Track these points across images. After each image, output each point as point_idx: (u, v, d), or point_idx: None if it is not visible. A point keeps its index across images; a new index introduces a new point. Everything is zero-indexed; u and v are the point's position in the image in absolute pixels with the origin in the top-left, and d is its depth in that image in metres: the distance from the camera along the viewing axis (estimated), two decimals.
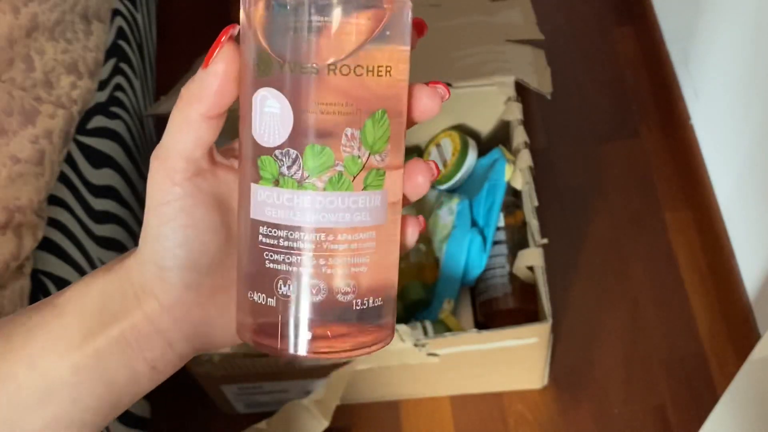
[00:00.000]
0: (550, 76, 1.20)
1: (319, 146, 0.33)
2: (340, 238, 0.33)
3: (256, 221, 0.34)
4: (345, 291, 0.34)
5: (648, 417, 1.17)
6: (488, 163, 1.22)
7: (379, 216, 0.35)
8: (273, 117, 0.33)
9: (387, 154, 0.34)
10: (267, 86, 0.33)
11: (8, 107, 0.89)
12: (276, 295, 0.34)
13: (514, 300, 1.15)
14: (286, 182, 0.33)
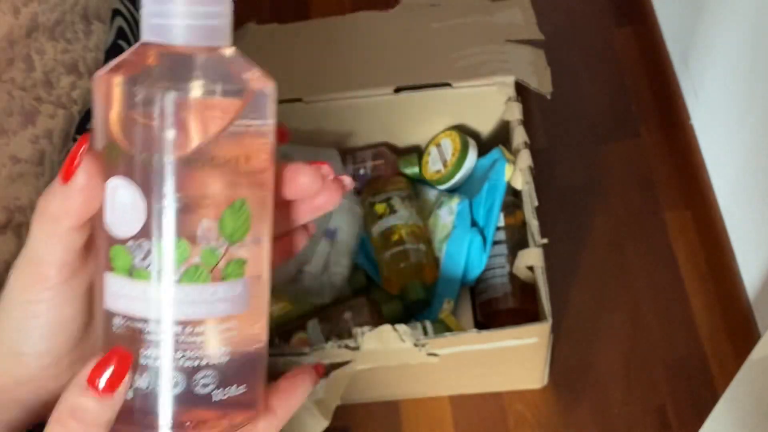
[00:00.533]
0: (550, 76, 1.20)
1: (174, 238, 0.31)
2: (198, 330, 0.32)
3: (109, 312, 0.32)
4: (204, 383, 0.33)
5: (648, 417, 1.17)
6: (488, 163, 1.22)
7: (240, 304, 0.33)
8: (124, 207, 0.31)
9: (248, 242, 0.33)
10: (118, 175, 0.31)
11: (8, 107, 0.89)
12: (132, 387, 0.32)
13: (514, 300, 1.15)
14: (140, 274, 0.32)
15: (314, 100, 1.21)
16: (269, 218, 0.34)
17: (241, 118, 0.32)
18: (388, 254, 1.16)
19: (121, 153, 0.31)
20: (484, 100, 1.22)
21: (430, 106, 1.24)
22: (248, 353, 0.34)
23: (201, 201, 0.32)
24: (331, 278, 1.15)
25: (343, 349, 1.01)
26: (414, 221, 1.19)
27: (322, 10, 1.63)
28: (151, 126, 0.31)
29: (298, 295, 1.15)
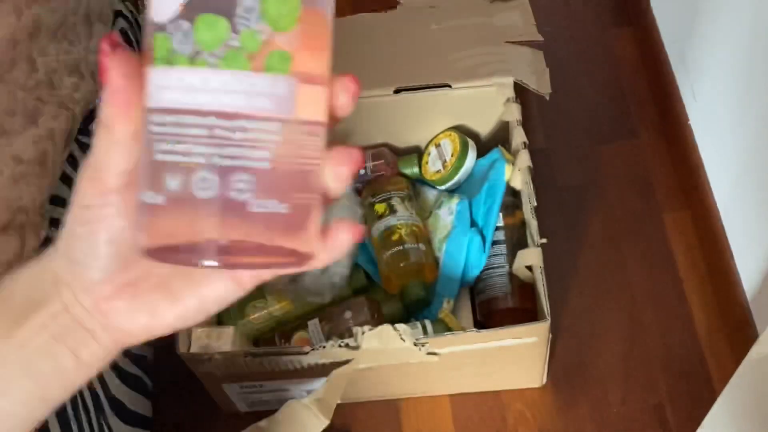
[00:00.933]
0: (549, 77, 1.21)
1: (212, 16, 0.29)
2: (236, 125, 0.30)
3: (149, 109, 0.31)
4: (239, 188, 0.30)
5: (646, 416, 1.18)
6: (488, 164, 1.23)
7: (284, 105, 0.30)
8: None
9: (296, 37, 0.30)
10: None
11: (11, 108, 0.90)
12: (163, 190, 0.30)
13: (514, 299, 1.15)
14: (178, 59, 0.30)
15: None
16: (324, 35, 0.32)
17: None
18: (387, 254, 1.17)
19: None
20: (484, 101, 1.22)
21: (430, 107, 1.25)
22: (294, 169, 0.31)
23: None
24: (331, 278, 1.16)
25: (343, 349, 1.01)
26: (414, 221, 1.19)
27: None
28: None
29: (299, 295, 1.16)
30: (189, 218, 0.30)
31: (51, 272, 0.35)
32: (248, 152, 0.30)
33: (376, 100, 1.22)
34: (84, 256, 0.34)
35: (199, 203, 0.30)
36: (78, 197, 0.34)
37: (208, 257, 0.30)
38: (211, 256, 0.30)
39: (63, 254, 0.34)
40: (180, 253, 0.31)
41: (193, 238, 0.30)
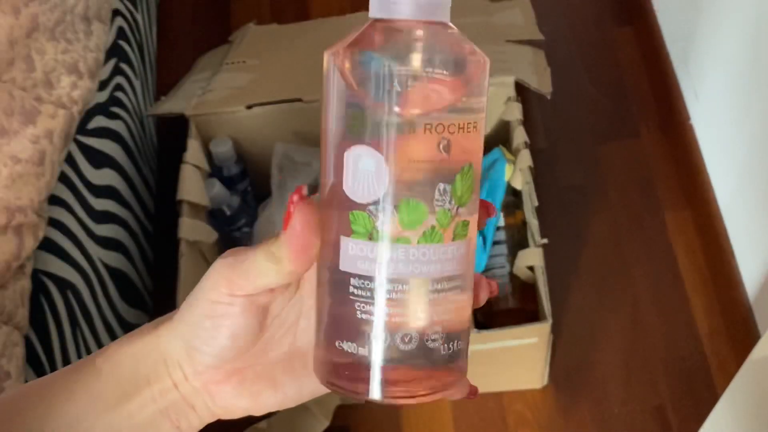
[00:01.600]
0: (550, 76, 1.20)
1: (414, 201, 0.34)
2: (431, 288, 0.35)
3: (346, 273, 0.35)
4: (434, 338, 0.35)
5: (648, 417, 1.18)
6: (488, 163, 1.22)
7: (464, 263, 0.36)
8: (368, 174, 0.34)
9: (471, 204, 0.35)
10: (360, 144, 0.34)
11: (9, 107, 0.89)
12: (367, 344, 0.35)
13: (514, 300, 1.15)
14: (380, 236, 0.34)
15: (314, 100, 1.21)
16: (479, 181, 0.36)
17: (468, 92, 0.35)
18: None
19: (363, 121, 0.34)
20: None
21: None
22: (466, 310, 0.36)
23: (438, 166, 0.34)
24: None
25: None
26: None
27: (322, 10, 1.63)
28: (394, 94, 0.33)
29: None
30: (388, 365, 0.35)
31: (160, 351, 0.37)
32: (440, 308, 0.35)
33: None
34: (204, 345, 0.36)
35: (400, 353, 0.35)
36: (209, 291, 0.36)
37: (389, 395, 0.35)
38: (391, 394, 0.35)
39: (181, 337, 0.37)
40: (364, 392, 0.35)
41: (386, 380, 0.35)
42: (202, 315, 0.36)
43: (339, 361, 0.36)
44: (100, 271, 1.07)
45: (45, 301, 0.93)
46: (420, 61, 0.34)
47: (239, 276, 0.35)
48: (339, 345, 0.35)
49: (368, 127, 0.33)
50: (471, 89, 0.34)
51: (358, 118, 0.34)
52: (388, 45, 0.34)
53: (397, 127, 0.33)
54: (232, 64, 1.34)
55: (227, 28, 1.58)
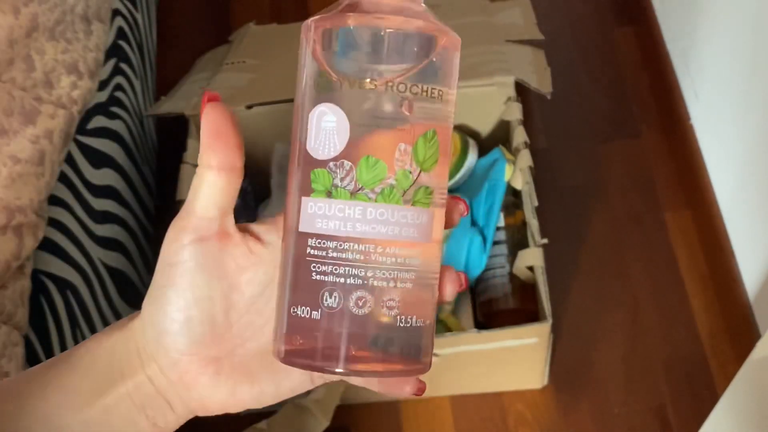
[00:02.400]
0: (550, 76, 1.20)
1: (373, 159, 0.34)
2: (389, 251, 0.34)
3: (304, 234, 0.35)
4: (390, 305, 0.35)
5: (648, 417, 1.17)
6: (488, 163, 1.22)
7: (426, 234, 0.35)
8: (330, 131, 0.34)
9: (435, 176, 0.35)
10: (326, 102, 0.34)
11: (8, 107, 0.89)
12: (321, 307, 0.34)
13: (514, 300, 1.15)
14: (339, 193, 0.34)
15: None
16: (447, 171, 0.37)
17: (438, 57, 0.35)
18: None
19: (330, 82, 0.35)
20: (484, 100, 1.22)
21: None
22: (427, 289, 0.36)
23: (399, 125, 0.34)
24: None
25: None
26: None
27: None
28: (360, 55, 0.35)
29: None
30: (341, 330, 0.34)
31: (135, 343, 0.36)
32: (398, 274, 0.35)
33: None
34: (171, 321, 0.35)
35: (354, 318, 0.34)
36: (162, 254, 0.36)
37: (346, 366, 0.34)
38: (348, 365, 0.35)
39: (150, 323, 0.36)
40: (318, 360, 0.35)
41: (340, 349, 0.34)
42: (162, 286, 0.35)
43: (294, 329, 0.35)
44: (100, 271, 1.07)
45: (45, 301, 0.93)
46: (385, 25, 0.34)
47: (181, 216, 0.35)
48: (293, 311, 0.35)
49: (331, 86, 0.35)
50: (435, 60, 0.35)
51: (324, 78, 0.35)
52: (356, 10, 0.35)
53: (359, 84, 0.34)
54: (232, 64, 1.34)
55: (227, 28, 1.58)
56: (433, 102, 0.35)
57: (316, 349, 0.35)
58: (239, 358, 0.37)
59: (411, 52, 0.35)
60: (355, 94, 0.34)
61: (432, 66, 0.35)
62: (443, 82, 0.36)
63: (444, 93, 0.36)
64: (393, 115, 0.34)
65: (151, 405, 0.37)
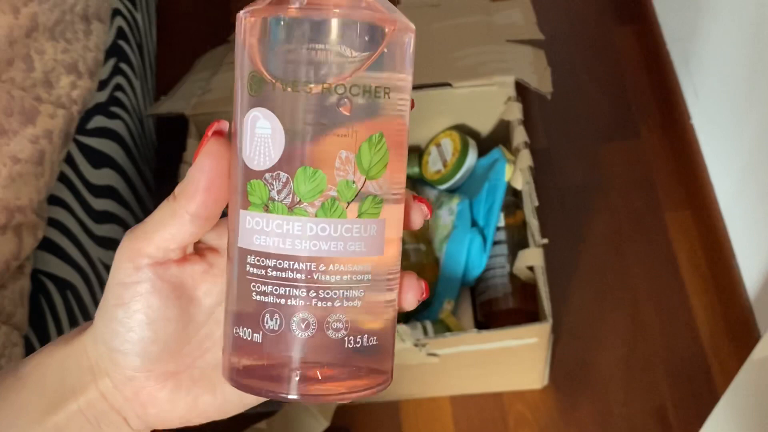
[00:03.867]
0: (550, 76, 1.20)
1: (311, 169, 0.31)
2: (332, 269, 0.32)
3: (243, 250, 0.32)
4: (336, 327, 0.32)
5: (648, 417, 1.17)
6: (488, 163, 1.22)
7: (375, 247, 0.33)
8: (264, 138, 0.32)
9: (385, 181, 0.32)
10: (259, 106, 0.32)
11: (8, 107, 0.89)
12: (262, 329, 0.32)
13: (514, 300, 1.15)
14: (276, 208, 0.32)
15: None
16: (403, 167, 0.34)
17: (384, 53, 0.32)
18: None
19: (263, 84, 0.32)
20: (484, 100, 1.22)
21: (430, 106, 1.24)
22: (381, 304, 0.33)
23: (339, 131, 0.31)
24: None
25: None
26: None
27: None
28: (294, 54, 0.31)
29: None
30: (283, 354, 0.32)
31: (87, 357, 0.35)
32: (344, 293, 0.32)
33: None
34: (123, 343, 0.33)
35: (297, 342, 0.32)
36: (115, 273, 0.33)
37: (296, 392, 0.32)
38: (299, 391, 0.32)
39: (101, 340, 0.34)
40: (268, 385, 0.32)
41: (286, 373, 0.32)
42: (113, 306, 0.33)
43: (238, 351, 0.33)
44: (100, 271, 1.07)
45: (44, 301, 0.93)
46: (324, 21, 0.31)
47: (140, 237, 0.33)
48: (236, 332, 0.33)
49: (266, 89, 0.32)
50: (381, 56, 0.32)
51: (257, 80, 0.32)
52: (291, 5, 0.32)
53: (294, 89, 0.31)
54: (232, 64, 1.34)
55: (227, 28, 1.57)
56: (378, 100, 0.32)
57: (262, 374, 0.32)
58: (199, 371, 0.35)
59: (354, 47, 0.31)
60: (290, 97, 0.31)
61: (378, 62, 0.32)
62: (391, 76, 0.32)
63: (392, 89, 0.32)
64: (332, 120, 0.31)
65: (106, 421, 0.35)
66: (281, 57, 0.32)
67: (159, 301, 0.33)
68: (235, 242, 0.33)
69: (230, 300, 0.33)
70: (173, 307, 0.34)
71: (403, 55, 0.33)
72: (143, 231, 0.33)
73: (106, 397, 0.34)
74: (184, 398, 0.35)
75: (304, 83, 0.31)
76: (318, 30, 0.31)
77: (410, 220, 0.35)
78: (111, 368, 0.34)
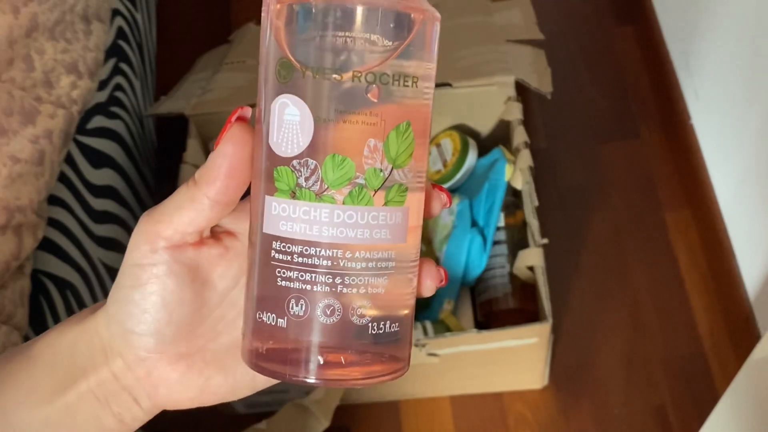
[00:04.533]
0: (551, 76, 1.20)
1: (339, 157, 0.31)
2: (358, 256, 0.32)
3: (268, 236, 0.33)
4: (361, 313, 0.32)
5: (648, 417, 1.17)
6: (488, 163, 1.22)
7: (400, 235, 0.33)
8: (292, 125, 0.32)
9: (410, 170, 0.33)
10: (287, 93, 0.32)
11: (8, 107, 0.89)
12: (287, 315, 0.32)
13: (515, 300, 1.15)
14: (304, 194, 0.32)
15: None
16: (426, 156, 0.34)
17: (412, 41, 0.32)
18: None
19: (291, 69, 0.31)
20: (485, 100, 1.22)
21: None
22: (403, 291, 0.34)
23: (368, 119, 0.31)
24: None
25: None
26: None
27: None
28: (324, 42, 0.31)
29: None
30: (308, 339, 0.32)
31: (99, 338, 0.35)
32: (369, 280, 0.32)
33: None
34: (138, 324, 0.33)
35: (322, 327, 0.32)
36: (131, 254, 0.34)
37: (316, 376, 0.32)
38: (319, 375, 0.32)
39: (115, 320, 0.34)
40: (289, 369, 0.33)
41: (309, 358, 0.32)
42: (128, 287, 0.33)
43: (261, 335, 0.33)
44: (100, 271, 1.07)
45: (44, 301, 0.92)
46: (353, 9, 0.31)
47: (158, 220, 0.33)
48: (260, 317, 0.33)
49: (295, 77, 0.31)
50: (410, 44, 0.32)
51: (286, 67, 0.32)
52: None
53: (324, 76, 0.31)
54: (232, 63, 1.34)
55: (227, 28, 1.58)
56: (406, 89, 0.32)
57: (284, 358, 0.33)
58: (211, 353, 0.35)
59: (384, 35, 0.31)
60: (319, 85, 0.31)
61: (407, 50, 0.32)
62: (419, 64, 0.33)
63: (420, 77, 0.32)
64: (361, 108, 0.31)
65: (117, 401, 0.35)
66: (310, 44, 0.31)
67: (174, 284, 0.33)
68: (259, 228, 0.33)
69: (253, 285, 0.33)
70: (188, 290, 0.34)
71: (430, 43, 0.33)
72: (161, 213, 0.33)
73: (117, 377, 0.35)
74: (196, 380, 0.35)
75: (334, 71, 0.31)
76: (348, 17, 0.31)
77: (430, 208, 0.35)
78: (124, 348, 0.34)
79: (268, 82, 0.32)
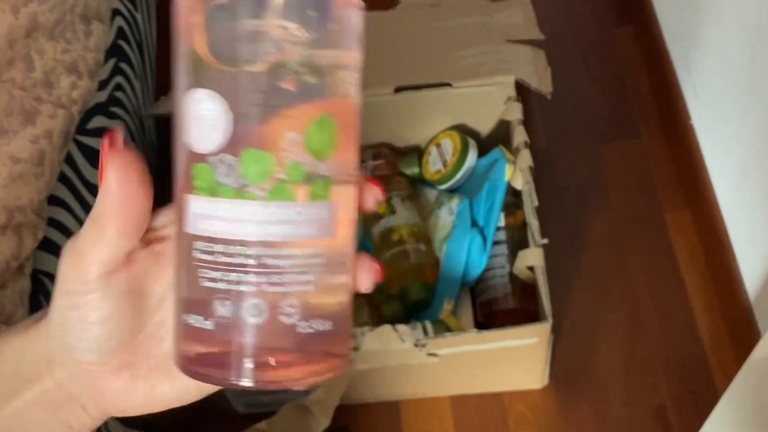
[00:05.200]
0: (550, 76, 1.20)
1: (258, 151, 0.30)
2: (283, 253, 0.31)
3: (190, 236, 0.31)
4: (289, 312, 0.31)
5: (648, 417, 1.17)
6: (488, 163, 1.22)
7: (326, 230, 0.31)
8: (207, 120, 0.30)
9: (334, 163, 0.31)
10: (199, 87, 0.30)
11: (8, 107, 0.89)
12: (213, 317, 0.31)
13: (515, 300, 1.15)
14: (223, 191, 0.30)
15: None
16: (354, 147, 0.32)
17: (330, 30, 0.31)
18: (388, 254, 1.16)
19: (204, 63, 0.30)
20: (484, 100, 1.22)
21: (430, 106, 1.24)
22: (335, 288, 0.33)
23: (286, 112, 0.30)
24: None
25: None
26: (414, 221, 1.19)
27: None
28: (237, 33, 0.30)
29: None
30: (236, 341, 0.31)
31: (43, 347, 0.34)
32: (296, 277, 0.31)
33: (377, 99, 1.22)
34: (78, 341, 0.33)
35: (249, 328, 0.31)
36: (61, 282, 0.33)
37: (250, 378, 0.31)
38: (254, 378, 0.31)
39: (55, 336, 0.34)
40: (221, 372, 0.31)
41: (238, 360, 0.31)
42: (65, 308, 0.33)
43: (189, 339, 0.32)
44: None
45: (44, 301, 0.93)
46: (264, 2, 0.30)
47: (81, 254, 0.32)
48: (185, 319, 0.32)
49: (206, 69, 0.30)
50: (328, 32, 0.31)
51: (199, 60, 0.30)
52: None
53: (238, 69, 0.30)
54: None
55: None
56: (325, 78, 0.31)
57: (215, 362, 0.31)
58: (155, 360, 0.35)
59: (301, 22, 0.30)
60: (233, 77, 0.30)
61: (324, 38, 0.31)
62: (340, 53, 0.31)
63: (340, 65, 0.31)
64: (277, 100, 0.30)
65: (64, 409, 0.35)
66: (221, 34, 0.30)
67: (111, 303, 0.33)
68: (181, 228, 0.32)
69: (178, 287, 0.33)
70: (125, 304, 0.33)
71: (350, 31, 0.32)
72: (82, 248, 0.32)
73: (62, 386, 0.34)
74: (141, 387, 0.35)
75: (246, 62, 0.30)
76: (260, 5, 0.30)
77: (363, 202, 0.34)
78: (66, 359, 0.34)
79: (180, 77, 0.31)
